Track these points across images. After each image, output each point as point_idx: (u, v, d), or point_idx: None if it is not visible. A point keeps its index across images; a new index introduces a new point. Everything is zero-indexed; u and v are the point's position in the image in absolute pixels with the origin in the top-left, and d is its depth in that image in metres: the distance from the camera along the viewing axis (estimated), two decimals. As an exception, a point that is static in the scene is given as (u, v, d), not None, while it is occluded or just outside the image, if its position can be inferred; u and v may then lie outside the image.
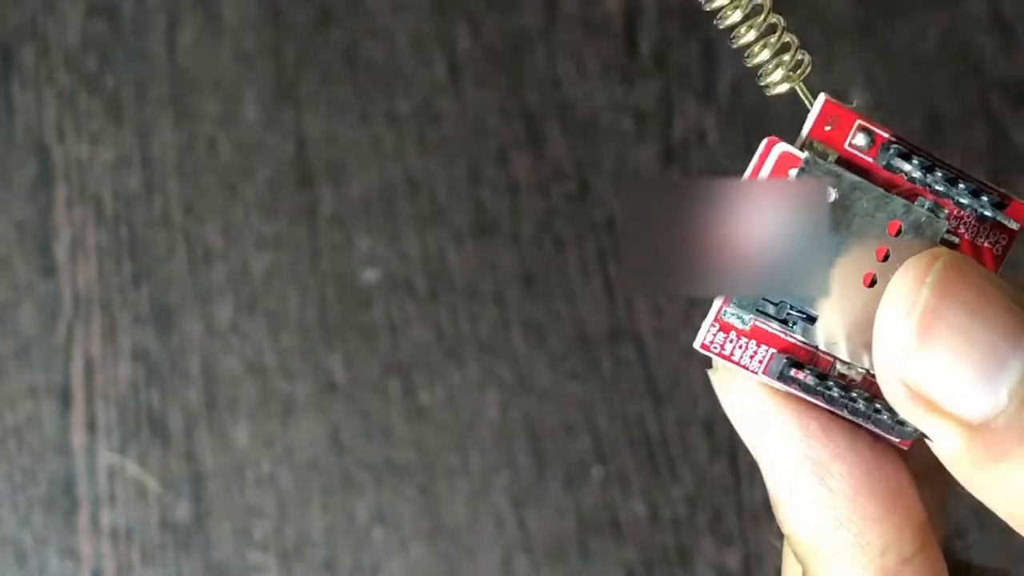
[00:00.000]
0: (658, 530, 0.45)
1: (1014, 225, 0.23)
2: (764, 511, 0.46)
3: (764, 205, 0.22)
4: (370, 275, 0.46)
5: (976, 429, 0.20)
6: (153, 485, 0.45)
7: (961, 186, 0.23)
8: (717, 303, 0.23)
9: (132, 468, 0.45)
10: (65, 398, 0.45)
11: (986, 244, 0.23)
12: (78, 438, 0.45)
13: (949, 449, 0.21)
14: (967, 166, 0.23)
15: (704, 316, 0.23)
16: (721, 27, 0.22)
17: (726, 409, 0.23)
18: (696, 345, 0.23)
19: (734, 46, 0.22)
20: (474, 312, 0.46)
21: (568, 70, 0.47)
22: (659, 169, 0.46)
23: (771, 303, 0.22)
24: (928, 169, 0.23)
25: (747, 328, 0.23)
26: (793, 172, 0.23)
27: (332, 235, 0.46)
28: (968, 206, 0.23)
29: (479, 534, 0.45)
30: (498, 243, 0.46)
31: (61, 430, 0.45)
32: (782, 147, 0.23)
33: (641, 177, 0.46)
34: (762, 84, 0.23)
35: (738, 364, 0.23)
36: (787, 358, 0.22)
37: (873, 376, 0.22)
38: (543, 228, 0.46)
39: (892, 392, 0.21)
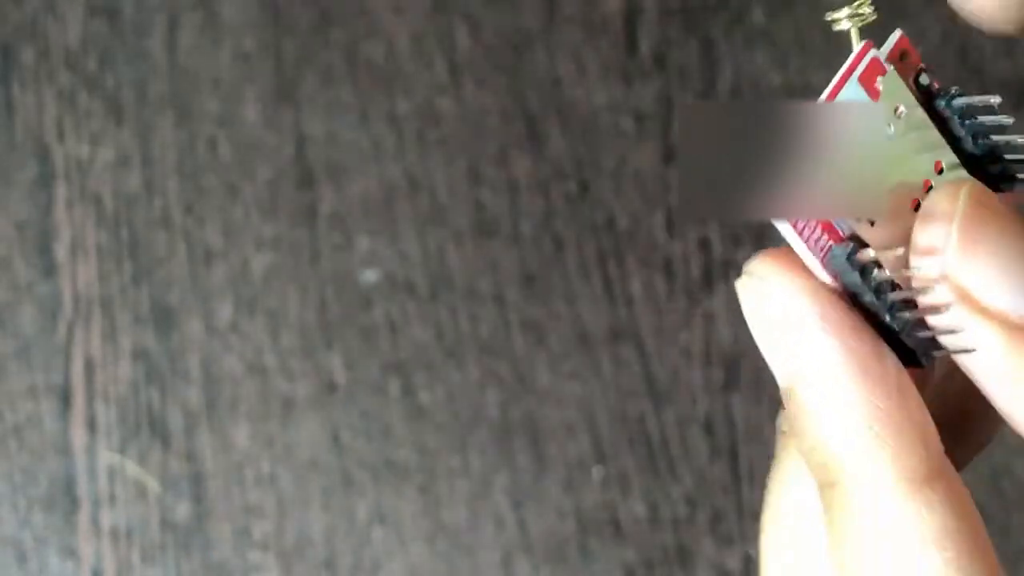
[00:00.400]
0: (658, 530, 0.45)
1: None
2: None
3: (830, 127, 0.23)
4: (370, 275, 0.46)
5: (1018, 328, 0.21)
6: (153, 485, 0.45)
7: (996, 155, 0.25)
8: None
9: (132, 468, 0.45)
10: (65, 398, 0.45)
11: None
12: (78, 438, 0.45)
13: (989, 354, 0.21)
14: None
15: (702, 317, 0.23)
16: None
17: (755, 317, 0.23)
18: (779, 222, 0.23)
19: None
20: (474, 312, 0.46)
21: (568, 70, 0.47)
22: (659, 169, 0.46)
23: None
24: (975, 132, 0.24)
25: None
26: (880, 80, 0.24)
27: (332, 235, 0.46)
28: (990, 176, 0.25)
29: (479, 534, 0.45)
30: (498, 243, 0.46)
31: (61, 430, 0.45)
32: (876, 53, 0.25)
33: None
34: (826, 15, 0.25)
35: (805, 242, 0.23)
36: (850, 246, 0.23)
37: (914, 290, 0.23)
38: (543, 228, 0.46)
39: (938, 294, 0.22)
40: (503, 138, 0.47)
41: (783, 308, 0.23)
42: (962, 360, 0.22)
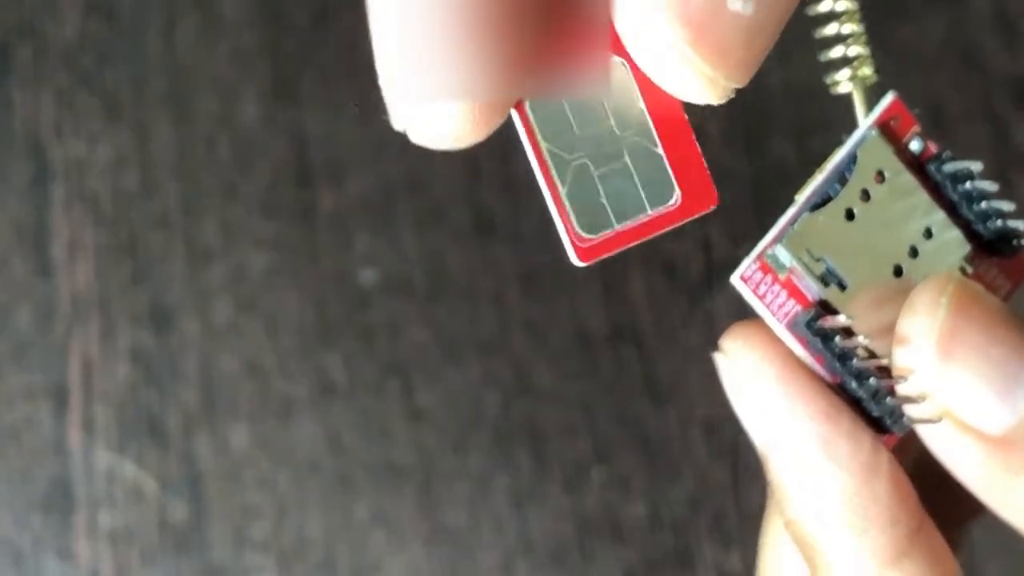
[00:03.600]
0: (658, 531, 0.45)
1: (1007, 287, 0.25)
2: (765, 513, 0.46)
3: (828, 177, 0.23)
4: (369, 275, 0.46)
5: (995, 442, 0.21)
6: (151, 486, 0.45)
7: (989, 224, 0.24)
8: (763, 243, 0.24)
9: (130, 469, 0.45)
10: (62, 398, 0.45)
11: (992, 283, 0.25)
12: (76, 439, 0.45)
13: (969, 462, 0.21)
14: (1007, 200, 0.25)
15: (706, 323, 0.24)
16: (809, 13, 0.24)
17: (732, 391, 0.24)
18: (735, 277, 0.24)
19: (816, 35, 0.24)
20: (474, 312, 0.46)
21: (568, 69, 0.47)
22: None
23: (815, 256, 0.24)
24: (967, 198, 0.24)
25: (783, 277, 0.24)
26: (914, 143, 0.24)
27: (331, 235, 0.46)
28: (986, 242, 0.25)
29: (479, 535, 0.45)
30: (498, 243, 0.46)
31: (58, 431, 0.45)
32: (900, 106, 0.25)
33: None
34: (826, 79, 0.25)
35: (767, 307, 0.24)
36: (813, 311, 0.23)
37: (882, 358, 0.23)
38: (543, 228, 0.46)
39: (912, 386, 0.22)
40: (503, 137, 0.46)
41: (752, 390, 0.23)
42: (938, 455, 0.22)
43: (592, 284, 0.46)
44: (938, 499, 0.24)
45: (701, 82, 0.19)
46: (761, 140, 0.47)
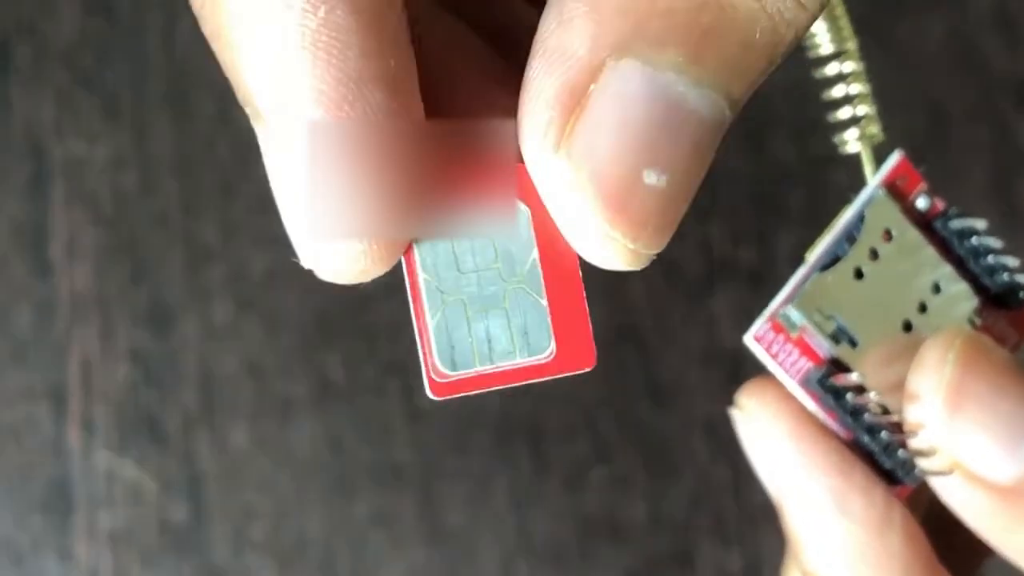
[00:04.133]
0: (659, 532, 0.45)
1: (1015, 338, 0.26)
2: (765, 513, 0.46)
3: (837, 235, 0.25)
4: (369, 275, 0.46)
5: (1004, 492, 0.22)
6: (151, 486, 0.45)
7: (996, 278, 0.25)
8: (775, 303, 0.25)
9: (130, 469, 0.45)
10: (62, 399, 0.45)
11: (1000, 334, 0.26)
12: (75, 439, 0.45)
13: (979, 511, 0.22)
14: (1010, 248, 0.25)
15: (708, 320, 0.24)
16: (816, 76, 0.25)
17: (748, 446, 0.25)
18: (748, 337, 0.25)
19: (823, 98, 0.25)
20: (474, 312, 0.46)
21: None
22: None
23: (825, 315, 0.24)
24: (974, 253, 0.25)
25: (795, 336, 0.25)
26: (920, 200, 0.25)
27: (331, 234, 0.46)
28: (994, 295, 0.26)
29: (479, 536, 0.45)
30: (498, 243, 0.46)
31: (58, 431, 0.45)
32: (906, 165, 0.26)
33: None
34: (834, 138, 0.26)
35: (780, 365, 0.25)
36: (825, 369, 0.24)
37: (893, 413, 0.24)
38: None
39: (925, 453, 0.23)
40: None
41: (767, 445, 0.24)
42: (949, 504, 0.23)
43: (592, 284, 0.46)
44: (953, 542, 0.24)
45: (621, 253, 0.20)
46: (761, 140, 0.47)
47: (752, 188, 0.47)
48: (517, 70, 0.20)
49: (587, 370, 0.22)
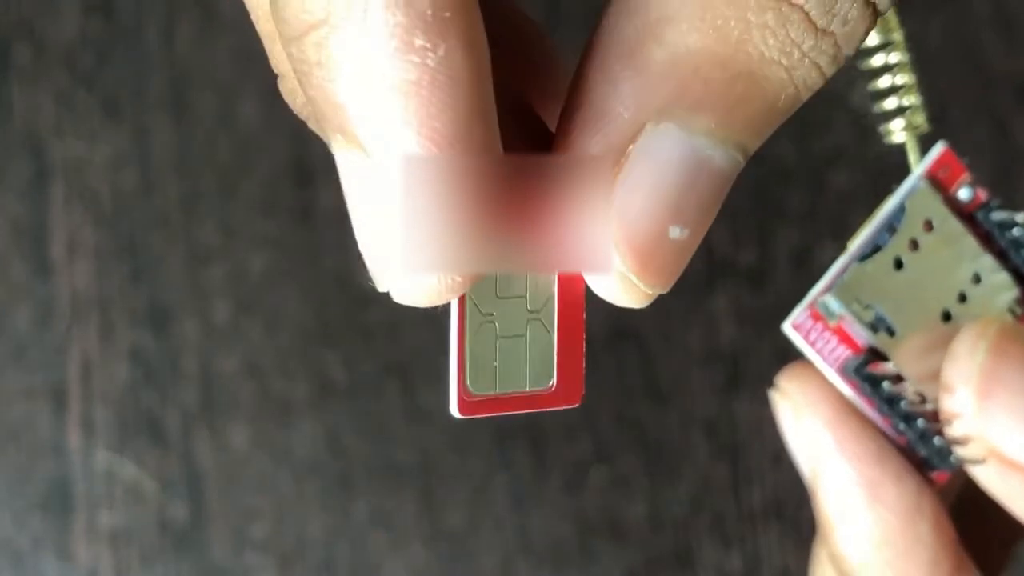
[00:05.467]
0: (659, 532, 0.45)
1: None
2: (765, 513, 0.46)
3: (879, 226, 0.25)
4: (368, 274, 0.46)
5: None
6: (151, 486, 0.45)
7: None
8: (814, 292, 0.25)
9: (129, 469, 0.45)
10: (62, 399, 0.45)
11: None
12: (75, 439, 0.45)
13: (1018, 496, 0.22)
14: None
15: (700, 314, 0.24)
16: (861, 67, 0.25)
17: (788, 433, 0.25)
18: (786, 325, 0.25)
19: (869, 88, 0.26)
20: (474, 312, 0.46)
21: (569, 69, 0.47)
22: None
23: (864, 304, 0.25)
24: (1015, 244, 0.26)
25: (833, 325, 0.25)
26: (964, 191, 0.26)
27: (331, 234, 0.46)
28: None
29: (478, 536, 0.45)
30: (498, 242, 0.46)
31: (58, 431, 0.45)
32: (950, 156, 0.26)
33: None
34: (880, 128, 0.26)
35: (819, 353, 0.25)
36: (863, 357, 0.25)
37: (930, 402, 0.24)
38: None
39: (960, 441, 0.23)
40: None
41: (805, 429, 0.25)
42: (987, 490, 0.23)
43: (592, 284, 0.46)
44: (988, 521, 0.24)
45: (636, 296, 0.21)
46: (761, 140, 0.47)
47: (752, 188, 0.47)
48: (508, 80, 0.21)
49: (574, 407, 0.22)
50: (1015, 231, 0.25)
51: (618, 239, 0.20)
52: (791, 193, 0.47)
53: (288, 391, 0.45)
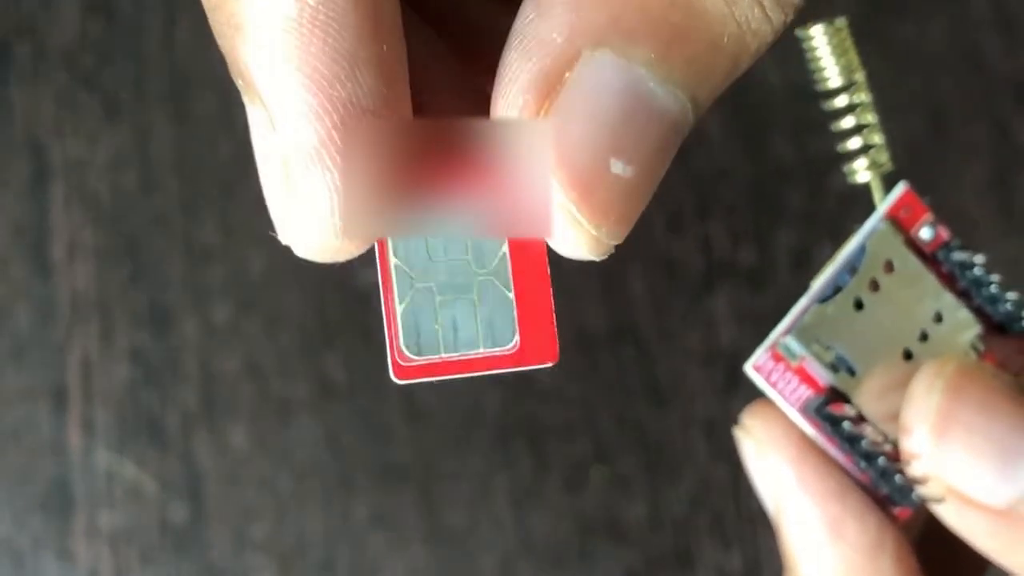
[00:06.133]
0: (659, 532, 0.45)
1: (1020, 363, 0.26)
2: (764, 514, 0.46)
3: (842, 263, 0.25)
4: (369, 275, 0.46)
5: (1001, 515, 0.22)
6: (151, 486, 0.45)
7: (999, 307, 0.26)
8: (775, 333, 0.25)
9: (129, 469, 0.45)
10: (62, 399, 0.45)
11: (1005, 361, 0.26)
12: (75, 439, 0.45)
13: (979, 533, 0.22)
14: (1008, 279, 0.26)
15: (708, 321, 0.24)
16: (826, 108, 0.26)
17: (753, 470, 0.25)
18: (749, 366, 0.25)
19: (832, 129, 0.26)
20: (474, 312, 0.46)
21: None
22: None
23: (824, 345, 0.25)
24: (976, 283, 0.26)
25: (795, 365, 0.25)
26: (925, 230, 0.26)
27: (331, 235, 0.46)
28: (997, 323, 0.26)
29: (478, 536, 0.45)
30: (498, 243, 0.46)
31: (58, 431, 0.45)
32: (911, 197, 0.26)
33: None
34: (845, 168, 0.26)
35: (780, 394, 0.25)
36: (824, 397, 0.25)
37: (892, 442, 0.24)
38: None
39: (919, 480, 0.23)
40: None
41: (768, 467, 0.25)
42: (950, 527, 0.23)
43: (592, 284, 0.46)
44: (955, 552, 0.24)
45: (584, 239, 0.20)
46: (761, 140, 0.47)
47: (752, 188, 0.47)
48: (473, 73, 0.20)
49: (549, 365, 0.22)
50: (975, 271, 0.26)
51: (556, 167, 0.19)
52: (791, 193, 0.47)
53: (288, 391, 0.45)
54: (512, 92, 0.19)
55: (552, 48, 0.19)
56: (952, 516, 0.23)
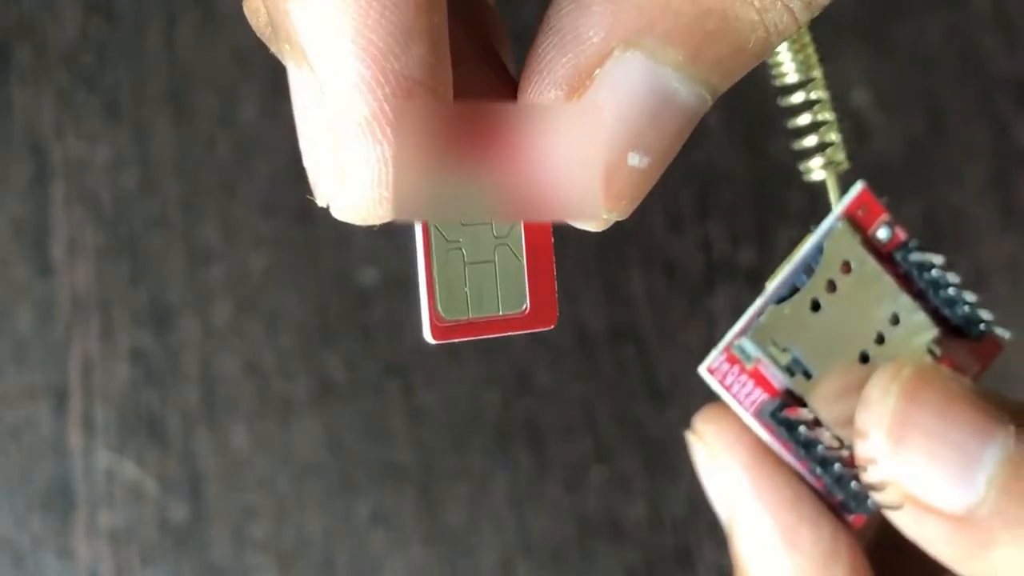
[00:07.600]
0: (658, 531, 0.45)
1: (976, 368, 0.25)
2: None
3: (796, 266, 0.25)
4: (369, 274, 0.46)
5: (959, 520, 0.22)
6: (151, 486, 0.45)
7: (956, 309, 0.25)
8: (730, 335, 0.25)
9: (130, 469, 0.45)
10: (62, 398, 0.45)
11: (961, 364, 0.25)
12: (75, 439, 0.45)
13: (936, 540, 0.22)
14: (968, 281, 0.25)
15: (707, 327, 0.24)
16: (781, 104, 0.25)
17: (704, 477, 0.25)
18: (702, 369, 0.25)
19: (788, 125, 0.25)
20: (474, 312, 0.46)
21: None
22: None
23: (780, 347, 0.24)
24: (934, 285, 0.25)
25: (750, 368, 0.24)
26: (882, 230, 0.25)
27: (331, 234, 0.46)
28: (955, 326, 0.25)
29: (478, 535, 0.45)
30: (498, 243, 0.46)
31: (58, 431, 0.45)
32: (868, 196, 0.26)
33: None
34: (800, 166, 0.26)
35: (734, 397, 0.24)
36: (779, 401, 0.24)
37: (847, 447, 0.24)
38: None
39: (875, 487, 0.23)
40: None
41: (720, 473, 0.24)
42: (906, 535, 0.23)
43: (592, 284, 0.46)
44: (910, 559, 0.24)
45: (594, 220, 0.21)
46: (761, 140, 0.47)
47: (752, 188, 0.47)
48: (482, 48, 0.21)
49: (549, 328, 0.22)
50: (934, 272, 0.25)
51: None
52: (791, 193, 0.47)
53: (288, 391, 0.45)
54: (544, 84, 0.20)
55: (588, 46, 0.20)
56: (909, 523, 0.22)
